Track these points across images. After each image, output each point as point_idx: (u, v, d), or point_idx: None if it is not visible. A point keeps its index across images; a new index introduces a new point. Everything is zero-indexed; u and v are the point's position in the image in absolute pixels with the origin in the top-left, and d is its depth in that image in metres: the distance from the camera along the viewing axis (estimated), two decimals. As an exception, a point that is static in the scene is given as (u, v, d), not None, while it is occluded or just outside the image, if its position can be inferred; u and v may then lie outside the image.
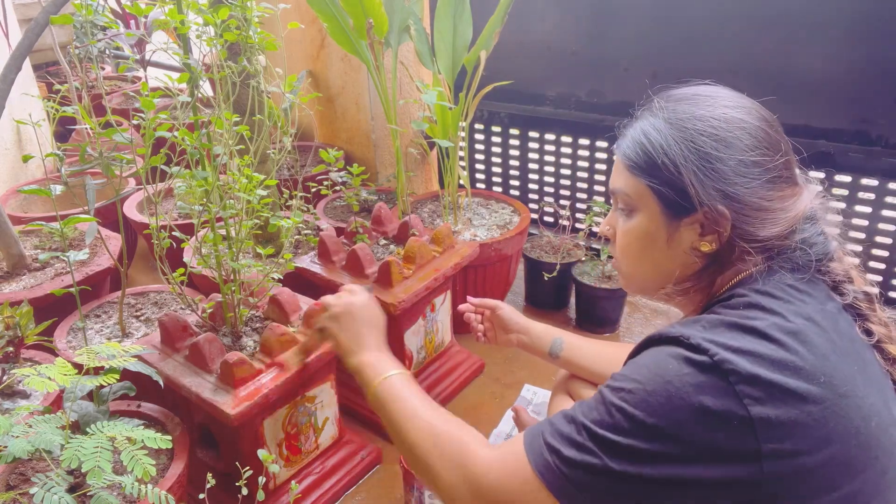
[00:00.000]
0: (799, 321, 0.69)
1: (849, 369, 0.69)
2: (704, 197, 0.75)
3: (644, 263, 0.85)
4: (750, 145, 0.76)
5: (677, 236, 0.79)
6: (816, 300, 0.74)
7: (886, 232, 1.69)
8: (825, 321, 0.71)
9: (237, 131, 1.22)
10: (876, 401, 0.70)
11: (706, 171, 0.75)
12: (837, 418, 0.65)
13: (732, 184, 0.75)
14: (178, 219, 2.04)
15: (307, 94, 1.43)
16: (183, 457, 1.12)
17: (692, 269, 0.81)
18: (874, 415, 0.68)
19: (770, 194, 0.76)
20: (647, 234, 0.82)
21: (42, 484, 0.85)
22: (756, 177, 0.75)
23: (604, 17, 1.90)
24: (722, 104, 0.78)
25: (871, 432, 0.67)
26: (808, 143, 1.68)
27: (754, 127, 0.77)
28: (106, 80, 3.19)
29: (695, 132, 0.76)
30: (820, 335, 0.69)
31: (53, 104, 1.35)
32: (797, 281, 0.74)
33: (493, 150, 2.35)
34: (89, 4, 1.22)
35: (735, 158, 0.75)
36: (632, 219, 0.83)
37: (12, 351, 1.30)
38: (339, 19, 1.68)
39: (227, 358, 1.13)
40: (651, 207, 0.80)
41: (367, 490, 1.40)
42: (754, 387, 0.64)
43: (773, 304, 0.71)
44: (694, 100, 0.80)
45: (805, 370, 0.66)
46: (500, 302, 1.32)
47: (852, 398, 0.67)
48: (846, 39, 1.57)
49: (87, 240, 1.28)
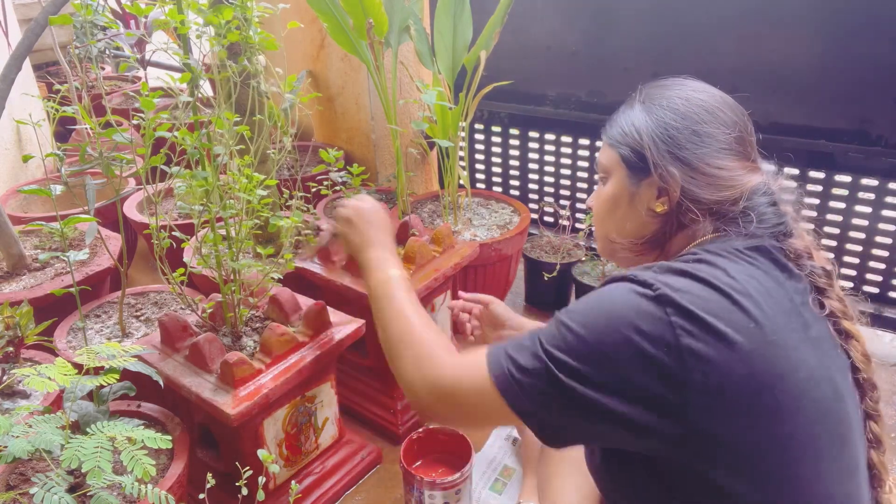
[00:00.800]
0: (741, 276, 0.75)
1: (783, 322, 0.74)
2: (658, 159, 0.85)
3: (610, 223, 0.95)
4: (705, 119, 0.85)
5: (637, 198, 0.89)
6: (763, 265, 0.79)
7: (886, 232, 1.69)
8: (768, 282, 0.76)
9: (237, 131, 1.22)
10: (810, 358, 0.74)
11: (663, 137, 0.86)
12: (763, 361, 0.70)
13: (683, 149, 0.84)
14: (178, 219, 2.04)
15: (307, 94, 1.43)
16: (183, 457, 1.12)
17: (648, 229, 0.90)
18: (802, 367, 0.72)
19: (718, 162, 0.84)
20: (614, 197, 0.93)
21: (42, 484, 0.85)
22: (705, 145, 0.84)
23: (604, 17, 1.90)
24: (690, 87, 0.89)
25: (797, 382, 0.72)
26: (808, 143, 1.68)
27: (712, 106, 0.86)
28: (106, 80, 3.19)
29: (659, 107, 0.88)
30: (758, 289, 0.74)
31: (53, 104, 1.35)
32: (747, 248, 0.80)
33: (493, 150, 2.35)
34: (89, 4, 1.22)
35: (689, 129, 0.85)
36: (606, 185, 0.94)
37: (12, 351, 1.30)
38: (339, 19, 1.68)
39: (227, 358, 1.13)
40: (619, 173, 0.91)
41: (367, 490, 1.40)
42: (688, 321, 0.70)
43: (719, 261, 0.77)
44: (666, 85, 0.91)
45: (737, 315, 0.71)
46: (492, 297, 1.32)
47: (781, 347, 0.72)
48: (846, 39, 1.57)
49: (87, 240, 1.28)
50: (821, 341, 0.77)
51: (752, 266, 0.78)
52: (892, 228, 1.68)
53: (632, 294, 0.74)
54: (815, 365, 0.74)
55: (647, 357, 0.70)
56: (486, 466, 1.44)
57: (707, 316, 0.70)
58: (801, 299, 0.78)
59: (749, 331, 0.71)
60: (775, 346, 0.71)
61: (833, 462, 0.74)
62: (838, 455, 0.74)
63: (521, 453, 1.42)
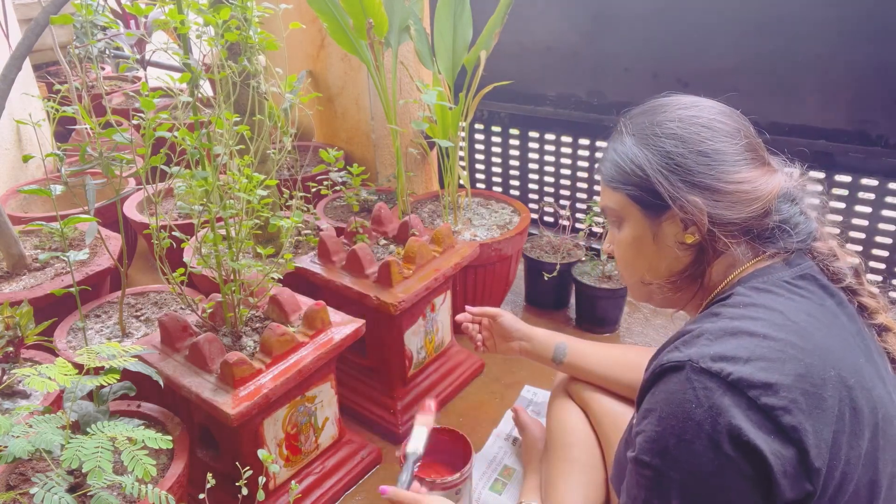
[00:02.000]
0: (800, 317, 0.71)
1: (853, 359, 0.71)
2: (674, 191, 0.79)
3: (639, 266, 0.89)
4: (707, 136, 0.80)
5: (662, 235, 0.84)
6: (815, 296, 0.75)
7: (886, 232, 1.69)
8: (825, 316, 0.73)
9: (237, 131, 1.22)
10: (882, 392, 0.72)
11: (670, 168, 0.80)
12: (852, 410, 0.68)
13: (697, 174, 0.79)
14: (178, 219, 2.04)
15: (307, 94, 1.43)
16: (183, 457, 1.12)
17: (682, 263, 0.84)
18: (881, 405, 0.71)
19: (736, 177, 0.79)
20: (635, 239, 0.86)
21: (42, 484, 0.85)
22: (718, 163, 0.79)
23: (604, 17, 1.90)
24: (676, 107, 0.84)
25: (878, 423, 0.70)
26: (808, 143, 1.68)
27: (708, 119, 0.81)
28: (106, 80, 3.19)
29: (654, 137, 0.82)
30: (821, 329, 0.71)
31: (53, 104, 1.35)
32: (794, 278, 0.77)
33: (493, 150, 2.35)
34: (89, 4, 1.22)
35: (695, 151, 0.79)
36: (622, 230, 0.88)
37: (12, 351, 1.30)
38: (339, 19, 1.68)
39: (227, 358, 1.13)
40: (634, 214, 0.85)
41: (367, 490, 1.40)
42: (775, 396, 0.65)
43: (772, 302, 0.73)
44: (651, 110, 0.86)
45: (815, 367, 0.67)
46: (499, 310, 1.33)
47: (859, 389, 0.69)
48: (846, 39, 1.57)
49: (87, 240, 1.28)
50: (880, 364, 0.76)
51: (804, 299, 0.74)
52: (892, 228, 1.68)
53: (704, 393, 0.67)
54: (887, 400, 0.72)
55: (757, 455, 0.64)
56: (486, 466, 1.44)
57: (790, 382, 0.66)
58: (855, 325, 0.76)
59: (831, 380, 0.67)
60: (856, 389, 0.69)
61: None
62: None
63: (522, 453, 1.42)
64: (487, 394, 1.68)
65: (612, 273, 1.86)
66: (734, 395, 0.65)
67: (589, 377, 1.21)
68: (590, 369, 1.20)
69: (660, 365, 0.73)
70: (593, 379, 1.20)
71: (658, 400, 0.71)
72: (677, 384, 0.69)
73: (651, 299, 0.92)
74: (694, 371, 0.68)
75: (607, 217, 0.92)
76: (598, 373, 1.19)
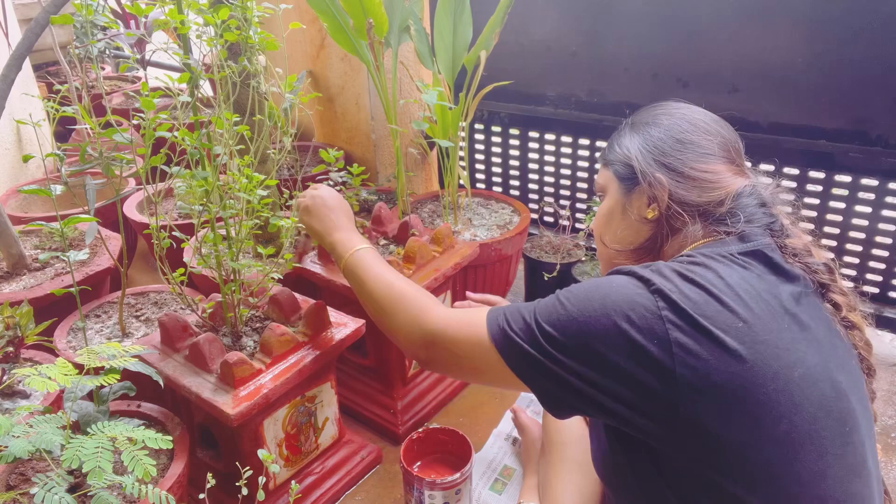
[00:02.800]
0: (732, 279, 0.78)
1: (775, 323, 0.76)
2: (646, 167, 0.91)
3: (606, 233, 1.00)
4: (687, 129, 0.92)
5: (629, 207, 0.95)
6: (756, 269, 0.81)
7: (886, 232, 1.69)
8: (760, 284, 0.79)
9: (237, 131, 1.22)
10: (808, 357, 0.75)
11: (649, 148, 0.92)
12: (753, 360, 0.72)
13: (668, 155, 0.90)
14: (178, 219, 2.04)
15: (307, 94, 1.43)
16: (183, 457, 1.12)
17: (642, 235, 0.95)
18: (798, 366, 0.74)
19: (702, 166, 0.89)
20: (609, 209, 0.99)
21: (42, 484, 0.85)
22: (689, 151, 0.90)
23: (604, 17, 1.90)
24: (674, 107, 0.96)
25: (792, 380, 0.73)
26: (808, 143, 1.68)
27: (694, 118, 0.93)
28: (106, 80, 3.19)
29: (644, 125, 0.95)
30: (749, 291, 0.77)
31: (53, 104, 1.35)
32: (741, 253, 0.83)
33: (493, 150, 2.35)
34: (89, 4, 1.22)
35: (673, 138, 0.91)
36: (604, 202, 1.01)
37: (12, 351, 1.30)
38: (339, 19, 1.68)
39: (227, 358, 1.13)
40: (613, 187, 0.98)
41: (367, 490, 1.40)
42: (679, 317, 0.74)
43: (712, 264, 0.80)
44: (653, 108, 0.98)
45: (725, 316, 0.74)
46: (500, 298, 1.33)
47: (772, 347, 0.73)
48: (846, 39, 1.57)
49: (87, 240, 1.28)
50: (820, 342, 0.78)
51: (744, 269, 0.80)
52: (892, 228, 1.68)
53: (629, 286, 0.79)
54: (812, 363, 0.75)
55: (636, 345, 0.74)
56: (486, 466, 1.44)
57: (697, 315, 0.74)
58: (796, 300, 0.80)
59: (737, 330, 0.73)
60: (766, 345, 0.73)
61: (835, 461, 0.74)
62: (841, 454, 0.74)
63: (521, 453, 1.42)
64: (487, 394, 1.68)
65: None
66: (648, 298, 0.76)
67: None
68: None
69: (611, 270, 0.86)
70: None
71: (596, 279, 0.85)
72: (610, 277, 0.83)
73: (611, 263, 1.00)
74: (626, 273, 0.82)
75: (597, 191, 1.04)
76: None
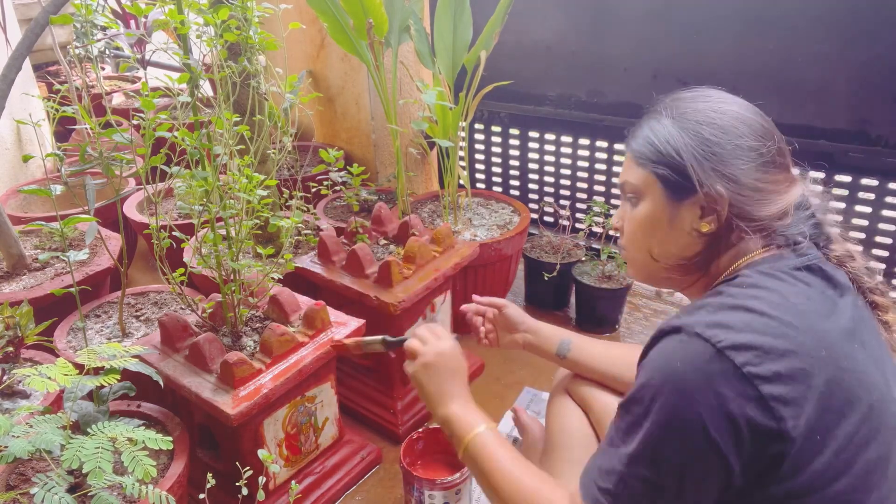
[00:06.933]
0: (800, 300, 0.74)
1: (848, 345, 0.72)
2: (704, 178, 0.80)
3: (649, 246, 0.89)
4: (745, 132, 0.81)
5: (679, 218, 0.84)
6: (816, 286, 0.77)
7: (886, 232, 1.69)
8: (825, 304, 0.75)
9: (237, 131, 1.22)
10: (877, 378, 0.73)
11: (706, 155, 0.81)
12: (841, 389, 0.69)
13: (730, 165, 0.80)
14: (178, 219, 2.04)
15: (307, 94, 1.43)
16: (183, 457, 1.12)
17: (693, 250, 0.85)
18: (875, 389, 0.72)
19: (765, 177, 0.81)
20: (651, 218, 0.87)
21: (42, 484, 0.85)
22: (752, 160, 0.80)
23: (604, 17, 1.90)
24: (718, 99, 0.85)
25: (873, 405, 0.71)
26: (808, 143, 1.68)
27: (748, 117, 0.83)
28: (106, 80, 3.19)
29: (695, 122, 0.82)
30: (819, 312, 0.73)
31: (53, 104, 1.35)
32: (799, 268, 0.78)
33: (493, 150, 2.35)
34: (89, 4, 1.22)
35: (732, 143, 0.80)
36: (638, 206, 0.89)
37: (12, 351, 1.30)
38: (339, 19, 1.68)
39: (227, 358, 1.13)
40: (655, 193, 0.85)
41: (367, 490, 1.40)
42: (761, 365, 0.67)
43: (774, 285, 0.75)
44: (694, 98, 0.87)
45: (807, 344, 0.69)
46: (506, 301, 1.32)
47: (853, 372, 0.70)
48: (846, 39, 1.57)
49: (87, 240, 1.28)
50: (877, 359, 0.77)
51: (807, 286, 0.76)
52: (892, 228, 1.68)
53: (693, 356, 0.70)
54: (882, 386, 0.74)
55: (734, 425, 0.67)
56: (486, 466, 1.43)
57: (779, 354, 0.68)
58: (853, 316, 0.77)
59: (822, 360, 0.69)
60: (848, 371, 0.70)
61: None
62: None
63: (522, 453, 1.42)
64: (487, 394, 1.68)
65: (612, 273, 1.86)
66: (722, 362, 0.68)
67: (591, 374, 1.21)
68: (592, 366, 1.20)
69: (659, 329, 0.77)
70: (595, 376, 1.20)
71: (652, 358, 0.76)
72: (671, 344, 0.73)
73: (652, 279, 0.94)
74: (688, 334, 0.72)
75: (624, 192, 0.92)
76: (601, 370, 1.19)
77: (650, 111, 0.90)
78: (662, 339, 0.76)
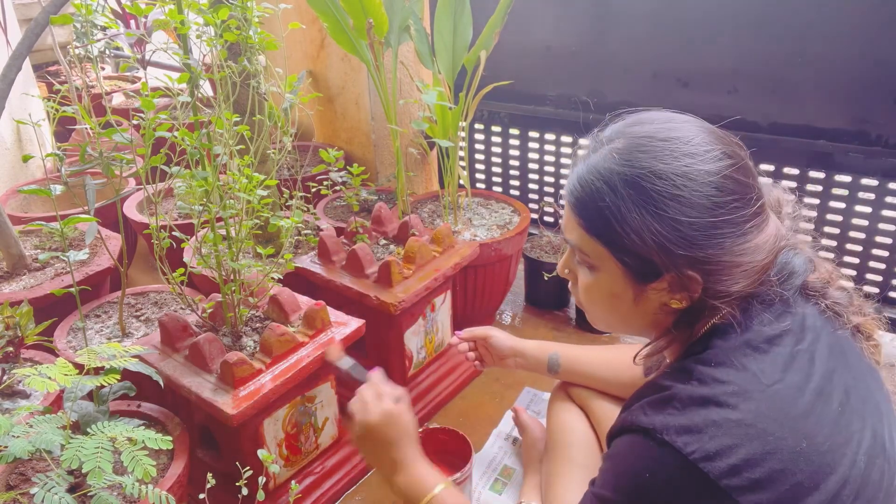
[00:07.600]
0: (776, 375, 0.68)
1: (832, 415, 0.67)
2: (671, 265, 0.71)
3: (612, 317, 0.82)
4: (719, 202, 0.70)
5: (644, 297, 0.76)
6: (792, 339, 0.71)
7: (886, 232, 1.69)
8: (799, 372, 0.69)
9: (237, 131, 1.22)
10: (864, 434, 0.69)
11: (671, 240, 0.70)
12: (825, 476, 0.65)
13: (701, 247, 0.70)
14: (178, 219, 2.04)
15: (307, 94, 1.43)
16: (183, 457, 1.12)
17: (663, 324, 0.78)
18: (861, 453, 0.67)
19: (742, 248, 0.71)
20: (612, 294, 0.78)
21: (42, 484, 0.85)
22: (727, 235, 0.70)
23: (604, 17, 1.90)
24: (683, 153, 0.71)
25: (861, 474, 0.67)
26: (808, 143, 1.68)
27: (721, 178, 0.70)
28: (106, 80, 3.19)
29: (657, 195, 0.70)
30: (796, 390, 0.68)
31: (53, 104, 1.35)
32: (775, 321, 0.72)
33: (493, 150, 2.35)
34: (89, 4, 1.22)
35: (703, 221, 0.69)
36: (593, 275, 0.79)
37: (12, 351, 1.30)
38: (339, 19, 1.68)
39: (227, 358, 1.13)
40: (613, 270, 0.76)
41: (367, 490, 1.40)
42: (740, 475, 0.63)
43: (748, 363, 0.69)
44: (651, 149, 0.72)
45: (785, 443, 0.64)
46: (489, 329, 1.33)
47: (837, 452, 0.66)
48: (846, 39, 1.57)
49: (87, 240, 1.28)
50: (868, 396, 0.72)
51: (781, 349, 0.70)
52: (892, 228, 1.68)
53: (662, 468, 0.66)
54: (870, 441, 0.69)
55: None
56: (486, 466, 1.43)
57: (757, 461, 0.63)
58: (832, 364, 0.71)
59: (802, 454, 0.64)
60: (832, 452, 0.66)
61: None
62: None
63: (522, 453, 1.42)
64: (487, 394, 1.68)
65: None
66: (695, 474, 0.64)
67: (587, 381, 1.22)
68: (586, 374, 1.21)
69: (626, 421, 0.72)
70: (591, 383, 1.21)
71: (622, 452, 0.72)
72: (640, 448, 0.69)
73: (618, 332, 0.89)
74: (657, 441, 0.66)
75: (572, 251, 0.81)
76: (596, 376, 1.20)
77: (594, 146, 0.78)
78: (629, 435, 0.71)
